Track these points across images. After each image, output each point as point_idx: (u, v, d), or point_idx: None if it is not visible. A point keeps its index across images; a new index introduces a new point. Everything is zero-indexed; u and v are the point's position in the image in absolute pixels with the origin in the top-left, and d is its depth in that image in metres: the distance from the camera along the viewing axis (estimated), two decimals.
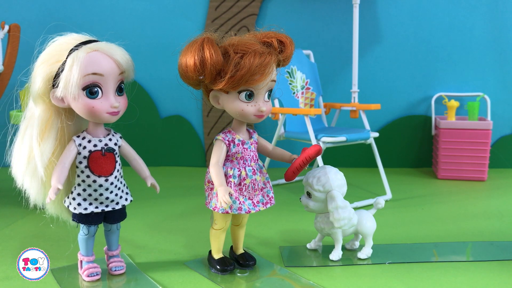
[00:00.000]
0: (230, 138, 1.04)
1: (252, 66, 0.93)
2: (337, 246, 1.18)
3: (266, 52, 0.96)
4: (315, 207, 1.14)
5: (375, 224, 1.19)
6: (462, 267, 1.13)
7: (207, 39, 0.94)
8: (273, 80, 1.01)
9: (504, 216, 1.57)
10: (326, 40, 2.31)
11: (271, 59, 0.96)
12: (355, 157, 2.38)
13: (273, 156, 1.12)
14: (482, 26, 2.26)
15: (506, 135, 2.33)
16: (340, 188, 1.12)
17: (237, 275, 1.09)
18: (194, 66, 0.93)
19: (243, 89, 0.97)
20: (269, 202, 1.08)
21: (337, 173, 1.13)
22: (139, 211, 1.60)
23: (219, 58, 0.93)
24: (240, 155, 1.04)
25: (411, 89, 2.33)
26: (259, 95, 0.99)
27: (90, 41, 0.94)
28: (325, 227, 1.16)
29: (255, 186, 1.05)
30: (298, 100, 1.93)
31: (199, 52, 0.93)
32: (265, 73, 0.96)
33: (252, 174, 1.05)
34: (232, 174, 1.03)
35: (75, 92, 0.90)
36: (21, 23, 1.76)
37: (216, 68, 0.94)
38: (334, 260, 1.16)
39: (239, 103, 0.99)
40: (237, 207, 1.02)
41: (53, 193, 0.93)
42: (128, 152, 1.05)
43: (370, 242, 1.19)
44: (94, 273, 1.05)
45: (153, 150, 2.41)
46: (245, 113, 0.99)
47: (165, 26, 2.30)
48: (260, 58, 0.94)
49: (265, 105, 1.01)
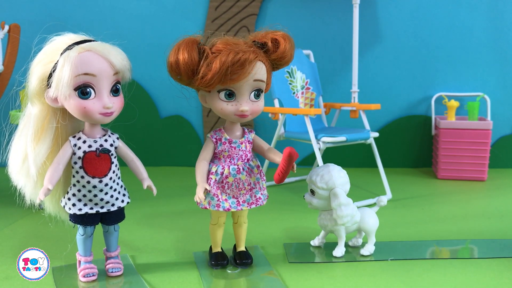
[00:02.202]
0: (218, 136, 1.05)
1: (224, 65, 0.92)
2: (340, 243, 1.20)
3: (244, 50, 0.94)
4: (318, 204, 1.16)
5: (377, 221, 1.21)
6: (463, 264, 1.13)
7: (186, 41, 0.96)
8: (259, 79, 0.99)
9: (504, 216, 1.57)
10: (326, 40, 2.30)
11: (248, 58, 0.94)
12: (355, 157, 2.38)
13: (266, 157, 1.11)
14: (482, 26, 2.25)
15: (506, 135, 2.33)
16: (343, 185, 1.14)
17: (228, 272, 1.10)
18: (171, 67, 0.97)
19: (221, 88, 0.98)
20: (255, 203, 1.08)
21: (340, 171, 1.15)
22: (139, 211, 1.59)
23: (192, 59, 0.95)
24: (227, 154, 1.05)
25: (411, 89, 2.33)
26: (241, 95, 0.99)
27: (85, 41, 0.93)
28: (328, 224, 1.18)
29: (240, 185, 1.06)
30: (298, 100, 1.93)
31: (175, 53, 0.96)
32: (243, 72, 0.94)
33: (236, 173, 1.05)
34: (215, 171, 1.04)
35: (67, 92, 0.90)
36: (21, 23, 1.76)
37: (189, 69, 0.96)
38: (337, 257, 1.19)
39: (219, 102, 0.99)
40: (215, 204, 1.04)
41: (42, 194, 0.93)
42: (125, 153, 1.04)
43: (372, 239, 1.21)
44: (90, 273, 1.04)
45: (153, 150, 2.41)
46: (225, 112, 1.00)
47: (165, 26, 2.30)
48: (234, 57, 0.92)
49: (249, 105, 1.00)
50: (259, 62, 0.98)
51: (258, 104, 1.02)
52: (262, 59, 0.99)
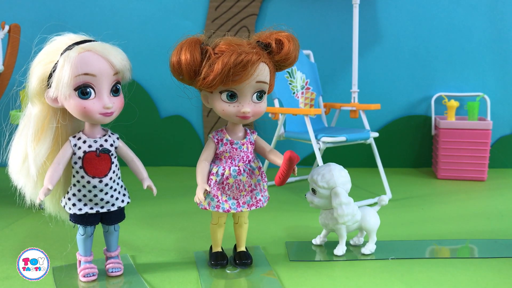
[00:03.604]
0: (220, 137, 1.05)
1: (226, 66, 0.92)
2: (341, 242, 1.20)
3: (246, 52, 0.93)
4: (319, 203, 1.16)
5: (379, 220, 1.22)
6: (463, 264, 1.14)
7: (189, 41, 0.96)
8: (262, 81, 0.98)
9: (504, 216, 1.57)
10: (326, 40, 2.31)
11: (251, 59, 0.93)
12: (355, 157, 2.38)
13: (268, 159, 1.11)
14: (482, 26, 2.25)
15: (506, 135, 2.33)
16: (344, 185, 1.14)
17: (227, 272, 1.11)
18: (173, 67, 0.97)
19: (223, 90, 0.97)
20: (255, 204, 1.08)
21: (341, 170, 1.16)
22: (139, 211, 1.59)
23: (194, 59, 0.94)
24: (228, 154, 1.05)
25: (411, 89, 2.33)
26: (243, 96, 0.98)
27: (85, 41, 0.93)
28: (329, 223, 1.19)
29: (240, 187, 1.06)
30: (298, 100, 1.93)
31: (178, 53, 0.96)
32: (246, 74, 0.94)
33: (237, 174, 1.05)
34: (215, 172, 1.04)
35: (67, 92, 0.90)
36: (21, 23, 1.76)
37: (191, 69, 0.95)
38: (338, 255, 1.19)
39: (221, 103, 0.99)
40: (215, 205, 1.04)
41: (42, 194, 0.93)
42: (125, 153, 1.04)
43: (374, 238, 1.22)
44: (90, 273, 1.04)
45: (153, 150, 2.41)
46: (226, 113, 0.99)
47: (165, 26, 2.30)
48: (237, 58, 0.91)
49: (251, 106, 0.99)
50: (262, 63, 0.97)
51: (260, 105, 1.01)
52: (265, 60, 0.97)
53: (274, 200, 1.73)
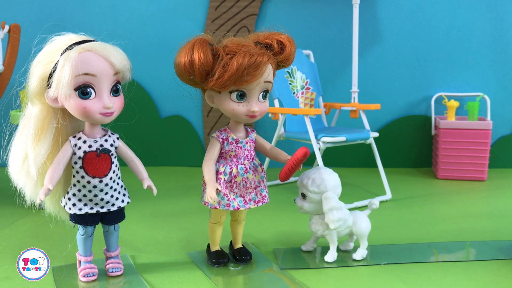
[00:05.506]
0: (225, 136, 1.06)
1: (241, 67, 0.93)
2: (332, 248, 1.16)
3: (258, 53, 0.95)
4: (310, 208, 1.13)
5: (369, 225, 1.18)
6: (460, 267, 1.13)
7: (199, 41, 0.96)
8: (268, 81, 1.01)
9: (504, 216, 1.57)
10: (326, 40, 2.31)
11: (263, 60, 0.96)
12: (355, 157, 2.38)
13: (269, 156, 1.13)
14: (482, 26, 2.25)
15: (506, 135, 2.33)
16: (335, 189, 1.11)
17: (230, 268, 1.11)
18: (184, 67, 0.96)
19: (234, 89, 0.98)
20: (261, 201, 1.10)
21: (332, 173, 1.13)
22: (140, 211, 1.59)
23: (208, 60, 0.95)
24: (234, 153, 1.06)
25: (411, 89, 2.33)
26: (251, 96, 1.00)
27: (85, 41, 0.93)
28: (320, 229, 1.15)
29: (247, 184, 1.07)
30: (298, 100, 1.93)
31: (189, 53, 0.95)
32: (256, 74, 0.96)
33: (244, 172, 1.06)
34: (223, 171, 1.05)
35: (67, 92, 0.90)
36: (21, 23, 1.76)
37: (204, 69, 0.95)
38: (329, 262, 1.15)
39: (231, 102, 1.00)
40: (225, 203, 1.05)
41: (43, 194, 0.93)
42: (125, 153, 1.04)
43: (365, 243, 1.18)
44: (90, 273, 1.04)
45: (153, 150, 2.41)
46: (236, 112, 1.01)
47: (165, 26, 2.30)
48: (250, 59, 0.94)
49: (258, 105, 1.01)
50: (269, 64, 0.99)
51: (265, 104, 1.04)
52: (271, 61, 1.00)
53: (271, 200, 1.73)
